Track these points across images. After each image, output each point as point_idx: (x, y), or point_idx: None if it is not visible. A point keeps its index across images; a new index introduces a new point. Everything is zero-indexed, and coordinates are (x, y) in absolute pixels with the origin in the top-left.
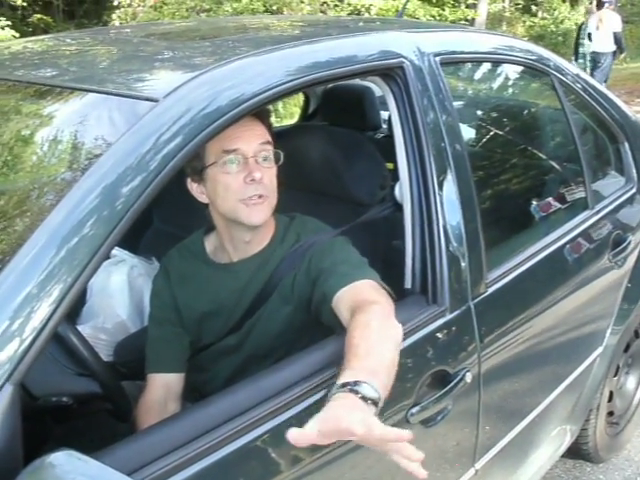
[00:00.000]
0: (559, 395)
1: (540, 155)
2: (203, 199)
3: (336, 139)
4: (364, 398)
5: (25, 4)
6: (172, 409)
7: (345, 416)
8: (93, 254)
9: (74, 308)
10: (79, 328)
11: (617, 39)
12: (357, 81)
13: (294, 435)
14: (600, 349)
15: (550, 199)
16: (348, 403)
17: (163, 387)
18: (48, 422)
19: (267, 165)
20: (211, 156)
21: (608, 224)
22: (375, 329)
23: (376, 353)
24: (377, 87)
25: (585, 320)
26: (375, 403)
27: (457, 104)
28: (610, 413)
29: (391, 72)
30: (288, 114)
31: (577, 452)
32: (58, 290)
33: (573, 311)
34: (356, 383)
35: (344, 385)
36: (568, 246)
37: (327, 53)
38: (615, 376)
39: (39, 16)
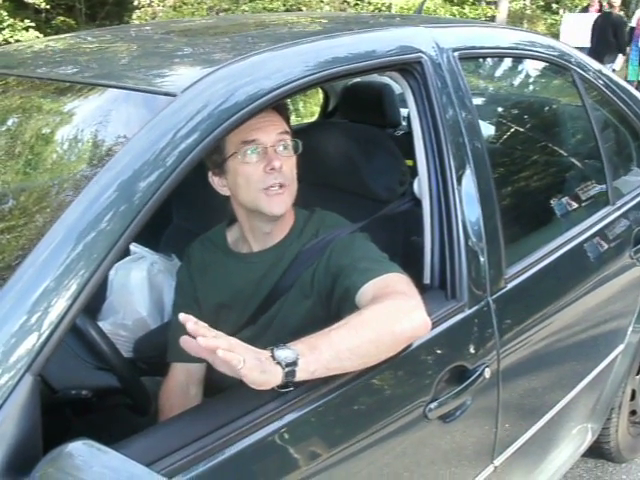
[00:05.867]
0: (579, 393)
1: (560, 151)
2: (225, 192)
3: (355, 135)
4: (273, 356)
5: (49, 7)
6: (194, 393)
7: (237, 344)
8: (110, 249)
9: (94, 304)
10: (99, 324)
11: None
12: (376, 78)
13: (190, 323)
14: (621, 347)
15: (570, 195)
16: (256, 349)
17: (184, 373)
18: (67, 415)
19: (286, 154)
20: (231, 148)
21: (629, 220)
22: (362, 316)
23: (334, 334)
24: (396, 84)
25: (606, 317)
26: (282, 364)
27: (476, 100)
28: (633, 412)
29: (409, 67)
30: (309, 113)
31: (599, 451)
32: (76, 284)
33: (593, 308)
34: (279, 345)
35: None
36: (589, 242)
37: (345, 48)
38: (638, 375)
39: (62, 18)
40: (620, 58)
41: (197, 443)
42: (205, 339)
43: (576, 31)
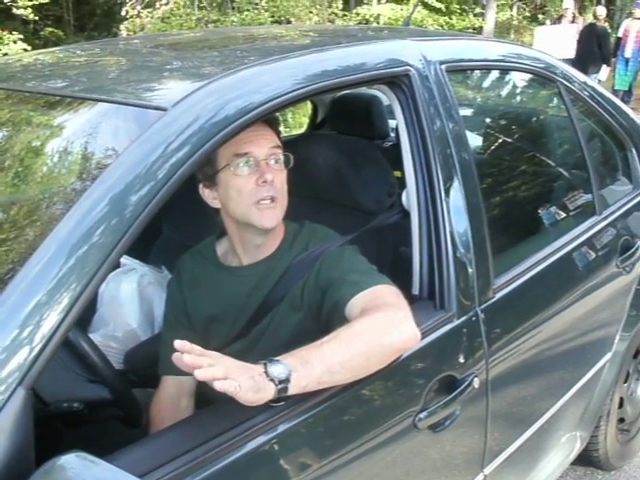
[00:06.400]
0: (568, 401)
1: (547, 162)
2: (215, 204)
3: (344, 147)
4: (266, 372)
5: (37, 18)
6: (185, 405)
7: (231, 367)
8: (102, 262)
9: (85, 316)
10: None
11: None
12: (365, 90)
13: (186, 356)
14: (609, 355)
15: (557, 205)
16: (248, 366)
17: (175, 386)
18: (59, 428)
19: (278, 168)
20: (223, 160)
21: (616, 230)
22: (352, 329)
23: (325, 348)
24: (385, 96)
25: (593, 326)
26: (275, 381)
27: (463, 112)
28: (621, 420)
29: (397, 80)
30: (297, 124)
31: (588, 459)
32: (68, 298)
33: (581, 317)
34: (272, 359)
35: (268, 359)
36: (576, 252)
37: (334, 62)
38: (625, 382)
39: (50, 30)
40: (604, 69)
41: (188, 455)
42: (202, 371)
43: (549, 44)
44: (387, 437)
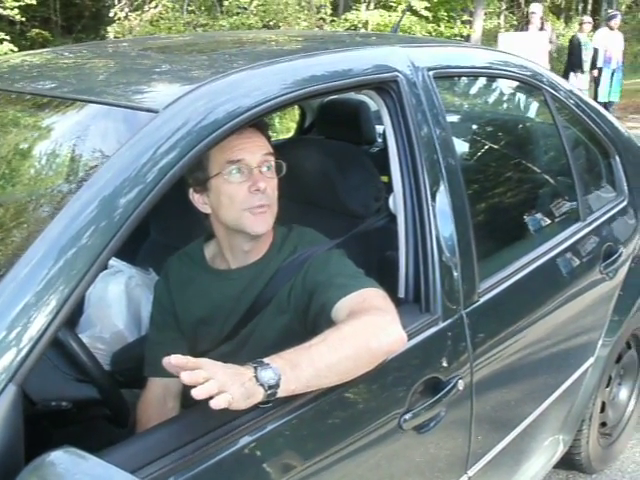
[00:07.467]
0: (551, 405)
1: (532, 168)
2: (205, 209)
3: (331, 152)
4: (256, 377)
5: (24, 19)
6: (171, 406)
7: (223, 377)
8: (91, 264)
9: (72, 318)
10: None
11: None
12: (352, 95)
13: (184, 374)
14: (591, 360)
15: (542, 211)
16: (239, 371)
17: (162, 387)
18: (47, 427)
19: (270, 175)
20: (215, 167)
21: (600, 236)
22: (340, 332)
23: (314, 351)
24: (372, 101)
25: (576, 331)
26: (265, 386)
27: (450, 118)
28: (603, 424)
29: (385, 86)
30: (284, 129)
31: (570, 462)
32: (56, 300)
33: (564, 322)
34: (262, 363)
35: (257, 362)
36: (560, 257)
37: (322, 67)
38: (607, 387)
39: (37, 31)
40: (572, 77)
41: (175, 453)
42: (197, 390)
43: (513, 51)
44: (372, 438)
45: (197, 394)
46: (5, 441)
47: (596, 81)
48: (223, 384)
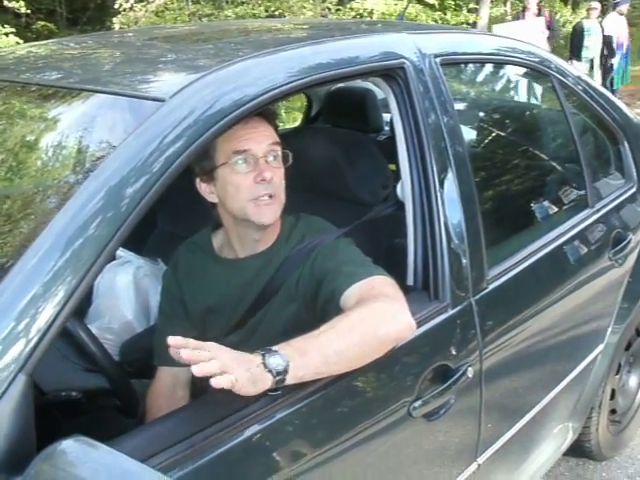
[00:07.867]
0: (560, 392)
1: (541, 155)
2: (212, 198)
3: (339, 140)
4: (264, 364)
5: (29, 11)
6: (181, 395)
7: (228, 359)
8: (98, 255)
9: (80, 308)
10: None
11: None
12: (359, 83)
13: (184, 351)
14: (601, 347)
15: (551, 198)
16: (246, 357)
17: (171, 376)
18: (57, 417)
19: (276, 165)
20: (222, 156)
21: (608, 223)
22: (349, 319)
23: (323, 338)
24: (379, 89)
25: (585, 318)
26: (273, 372)
27: (458, 105)
28: (612, 411)
29: (392, 73)
30: (290, 119)
31: (580, 450)
32: (63, 290)
33: (573, 309)
34: (270, 350)
35: (266, 349)
36: (569, 244)
37: (329, 54)
38: (617, 374)
39: (43, 23)
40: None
41: (185, 442)
42: (198, 367)
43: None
44: (382, 426)
45: (198, 371)
46: (17, 429)
47: (606, 69)
48: (226, 365)
